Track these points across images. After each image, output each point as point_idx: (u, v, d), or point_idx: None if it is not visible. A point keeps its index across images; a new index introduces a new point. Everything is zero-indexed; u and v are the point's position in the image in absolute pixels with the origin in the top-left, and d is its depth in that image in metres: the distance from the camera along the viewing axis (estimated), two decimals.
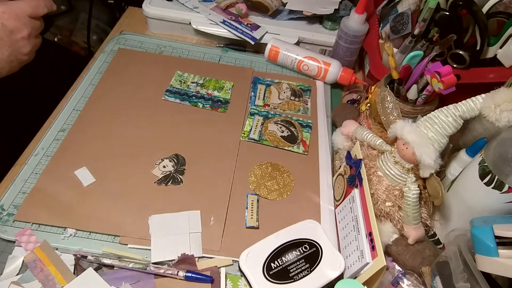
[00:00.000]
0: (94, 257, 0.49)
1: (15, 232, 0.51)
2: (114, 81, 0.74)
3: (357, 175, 0.53)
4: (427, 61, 0.56)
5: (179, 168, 0.61)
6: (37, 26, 0.56)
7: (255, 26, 0.83)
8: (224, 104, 0.73)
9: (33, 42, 0.56)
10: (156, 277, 0.49)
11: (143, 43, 0.83)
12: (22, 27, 0.53)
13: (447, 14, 0.62)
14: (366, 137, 0.58)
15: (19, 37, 0.54)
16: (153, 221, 0.54)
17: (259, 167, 0.64)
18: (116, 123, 0.66)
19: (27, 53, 0.56)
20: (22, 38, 0.54)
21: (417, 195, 0.51)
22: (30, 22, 0.54)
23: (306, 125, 0.71)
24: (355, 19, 0.74)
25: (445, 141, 0.49)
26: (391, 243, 0.54)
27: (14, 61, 0.55)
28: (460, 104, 0.48)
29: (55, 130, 0.64)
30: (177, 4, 0.85)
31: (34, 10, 0.55)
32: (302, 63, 0.78)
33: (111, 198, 0.56)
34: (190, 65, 0.79)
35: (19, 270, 0.49)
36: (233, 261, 0.52)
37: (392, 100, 0.54)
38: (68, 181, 0.57)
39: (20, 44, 0.54)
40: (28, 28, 0.54)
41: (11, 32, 0.53)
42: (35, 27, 0.56)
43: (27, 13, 0.54)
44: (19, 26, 0.53)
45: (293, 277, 0.48)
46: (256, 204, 0.58)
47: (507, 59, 0.62)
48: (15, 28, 0.53)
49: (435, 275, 0.50)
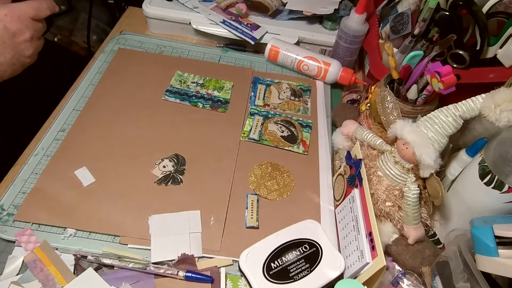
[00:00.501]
0: (94, 257, 0.49)
1: (15, 232, 0.51)
2: (114, 81, 0.74)
3: (357, 175, 0.53)
4: (427, 61, 0.56)
5: (179, 168, 0.61)
6: (39, 28, 0.56)
7: (255, 26, 0.83)
8: (224, 104, 0.73)
9: (35, 45, 0.56)
10: (156, 277, 0.49)
11: (143, 43, 0.83)
12: (25, 29, 0.53)
13: (447, 14, 0.62)
14: (366, 137, 0.58)
15: (22, 40, 0.53)
16: (153, 221, 0.54)
17: (259, 167, 0.64)
18: (116, 123, 0.66)
19: (29, 56, 0.55)
20: (25, 40, 0.53)
21: (417, 195, 0.51)
22: (32, 24, 0.54)
23: (306, 125, 0.71)
24: (355, 19, 0.74)
25: (445, 141, 0.49)
26: (391, 243, 0.54)
27: (17, 64, 0.55)
28: (460, 104, 0.48)
29: (55, 130, 0.64)
30: (177, 4, 0.85)
31: (37, 12, 0.54)
32: (302, 63, 0.78)
33: (111, 198, 0.56)
34: (190, 65, 0.79)
35: (19, 270, 0.49)
36: (233, 261, 0.52)
37: (392, 100, 0.54)
38: (68, 181, 0.57)
39: (22, 47, 0.54)
40: (31, 30, 0.54)
41: (14, 35, 0.52)
42: (38, 29, 0.55)
43: (29, 16, 0.53)
44: (22, 29, 0.53)
45: (293, 277, 0.48)
46: (256, 204, 0.58)
47: (507, 59, 0.62)
48: (17, 30, 0.52)
49: (435, 275, 0.50)
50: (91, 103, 0.69)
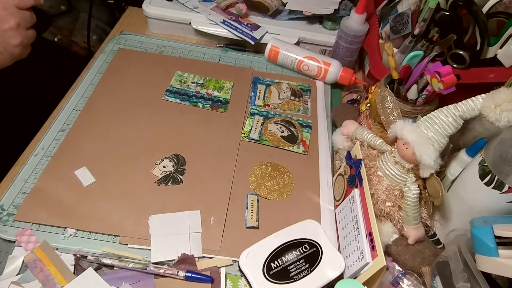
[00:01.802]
0: (94, 257, 0.49)
1: (15, 232, 0.51)
2: (114, 81, 0.74)
3: (357, 175, 0.53)
4: (427, 61, 0.56)
5: (179, 168, 0.61)
6: (26, 17, 0.55)
7: (255, 26, 0.83)
8: (224, 104, 0.73)
9: (23, 34, 0.55)
10: (156, 277, 0.49)
11: (143, 43, 0.83)
12: (9, 17, 0.53)
13: (447, 14, 0.62)
14: (366, 137, 0.58)
15: (7, 27, 0.53)
16: (153, 221, 0.54)
17: (259, 167, 0.64)
18: (116, 123, 0.66)
19: (17, 45, 0.55)
20: (10, 28, 0.53)
21: (417, 195, 0.51)
22: (17, 12, 0.54)
23: (306, 125, 0.71)
24: (355, 19, 0.74)
25: (445, 141, 0.49)
26: (391, 243, 0.54)
27: (4, 52, 0.54)
28: (460, 104, 0.48)
29: (55, 130, 0.64)
30: (177, 4, 0.85)
31: (21, 1, 0.54)
32: (302, 63, 0.78)
33: (111, 198, 0.56)
34: (190, 65, 0.79)
35: (19, 270, 0.49)
36: (233, 261, 0.52)
37: (392, 100, 0.54)
38: (68, 181, 0.57)
39: (8, 35, 0.53)
40: (16, 18, 0.53)
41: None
42: (24, 18, 0.55)
43: (13, 3, 0.53)
44: (6, 16, 0.52)
45: (293, 277, 0.48)
46: (256, 204, 0.58)
47: (507, 59, 0.62)
48: (1, 17, 0.52)
49: (435, 275, 0.50)
50: (91, 103, 0.69)
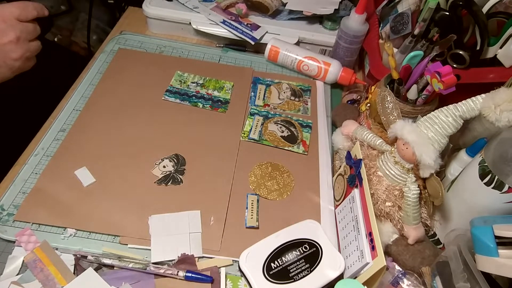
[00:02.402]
0: (94, 257, 0.49)
1: (15, 232, 0.51)
2: (114, 81, 0.74)
3: (357, 175, 0.53)
4: (427, 61, 0.56)
5: (179, 168, 0.61)
6: (28, 29, 0.53)
7: (255, 26, 0.83)
8: (224, 104, 0.73)
9: (24, 47, 0.53)
10: (156, 277, 0.49)
11: (143, 43, 0.83)
12: (9, 30, 0.51)
13: (447, 14, 0.62)
14: (366, 137, 0.58)
15: (6, 41, 0.51)
16: (153, 221, 0.54)
17: (259, 167, 0.64)
18: (116, 123, 0.66)
19: (17, 58, 0.53)
20: (10, 42, 0.51)
21: (417, 195, 0.51)
22: (18, 25, 0.52)
23: (306, 125, 0.71)
24: (355, 19, 0.74)
25: (445, 141, 0.49)
26: (391, 243, 0.54)
27: (3, 66, 0.52)
28: (460, 104, 0.48)
29: (55, 130, 0.64)
30: (177, 4, 0.85)
31: (22, 13, 0.52)
32: (302, 63, 0.78)
33: (111, 198, 0.56)
34: (190, 65, 0.79)
35: (19, 270, 0.49)
36: (233, 261, 0.52)
37: (392, 100, 0.54)
38: (68, 181, 0.57)
39: (7, 48, 0.51)
40: (16, 31, 0.51)
41: None
42: (26, 31, 0.53)
43: (14, 15, 0.51)
44: (5, 29, 0.51)
45: (293, 277, 0.48)
46: (256, 204, 0.58)
47: (507, 59, 0.62)
48: (1, 31, 0.50)
49: (435, 275, 0.50)
50: (91, 103, 0.69)
